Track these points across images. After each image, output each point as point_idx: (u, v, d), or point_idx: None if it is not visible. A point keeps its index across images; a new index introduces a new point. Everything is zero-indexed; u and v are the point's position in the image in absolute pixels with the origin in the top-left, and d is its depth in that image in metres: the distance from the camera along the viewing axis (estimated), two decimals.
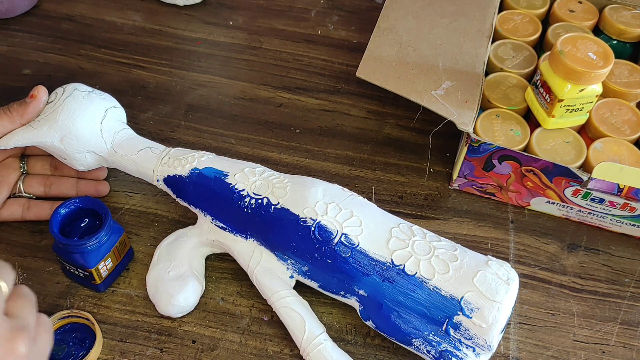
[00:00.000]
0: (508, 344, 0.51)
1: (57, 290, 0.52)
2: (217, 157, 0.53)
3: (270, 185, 0.50)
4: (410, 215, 0.59)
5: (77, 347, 0.49)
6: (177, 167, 0.52)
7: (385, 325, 0.47)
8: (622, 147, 0.56)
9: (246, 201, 0.50)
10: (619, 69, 0.62)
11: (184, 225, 0.56)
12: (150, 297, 0.51)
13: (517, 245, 0.58)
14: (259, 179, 0.51)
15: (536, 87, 0.57)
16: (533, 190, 0.58)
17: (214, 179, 0.51)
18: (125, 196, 0.59)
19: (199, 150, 0.54)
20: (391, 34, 0.63)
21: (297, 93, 0.70)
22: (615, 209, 0.56)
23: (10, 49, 0.72)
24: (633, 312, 0.54)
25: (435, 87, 0.58)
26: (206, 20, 0.77)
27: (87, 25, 0.75)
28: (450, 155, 0.65)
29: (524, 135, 0.57)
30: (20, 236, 0.56)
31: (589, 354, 0.51)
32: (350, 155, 0.64)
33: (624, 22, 0.66)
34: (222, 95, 0.69)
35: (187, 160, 0.53)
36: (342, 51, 0.75)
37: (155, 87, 0.69)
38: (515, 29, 0.66)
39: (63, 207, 0.51)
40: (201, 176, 0.52)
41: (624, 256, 0.58)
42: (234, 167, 0.52)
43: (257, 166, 0.53)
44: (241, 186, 0.50)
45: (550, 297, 0.55)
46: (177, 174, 0.52)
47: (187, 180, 0.52)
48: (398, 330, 0.46)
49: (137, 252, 0.55)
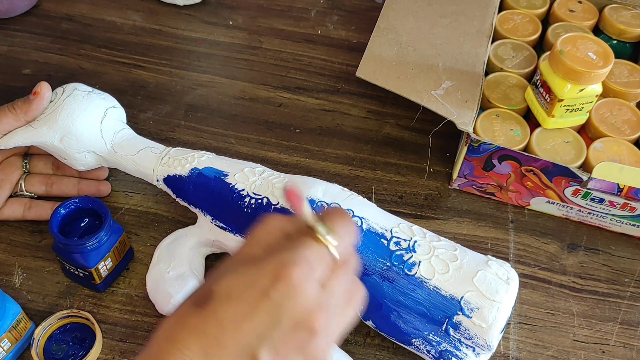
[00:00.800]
0: (508, 344, 0.51)
1: (57, 290, 0.52)
2: (217, 157, 0.53)
3: (270, 185, 0.50)
4: (410, 215, 0.59)
5: (77, 347, 0.49)
6: (177, 167, 0.52)
7: (385, 325, 0.47)
8: (622, 147, 0.56)
9: (246, 201, 0.50)
10: (619, 69, 0.62)
11: (184, 225, 0.56)
12: (150, 297, 0.51)
13: (517, 245, 0.58)
14: (258, 179, 0.51)
15: (536, 87, 0.57)
16: (533, 190, 0.58)
17: (214, 179, 0.51)
18: (125, 196, 0.59)
19: (199, 150, 0.54)
20: (391, 33, 0.63)
21: (297, 93, 0.70)
22: (615, 208, 0.56)
23: (10, 48, 0.72)
24: (633, 311, 0.54)
25: (435, 87, 0.58)
26: (206, 20, 0.77)
27: (87, 25, 0.75)
28: (450, 155, 0.65)
29: (524, 135, 0.57)
30: (20, 236, 0.56)
31: (588, 353, 0.51)
32: (350, 155, 0.64)
33: (624, 22, 0.66)
34: (222, 95, 0.69)
35: (187, 160, 0.53)
36: (342, 51, 0.75)
37: (155, 87, 0.69)
38: (515, 29, 0.66)
39: (63, 207, 0.50)
40: (201, 176, 0.52)
41: (624, 256, 0.58)
42: (234, 167, 0.52)
43: (257, 166, 0.53)
44: (241, 186, 0.50)
45: (550, 297, 0.55)
46: (177, 173, 0.52)
47: (186, 180, 0.52)
48: (398, 330, 0.46)
49: (136, 252, 0.55)
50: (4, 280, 0.53)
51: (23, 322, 0.47)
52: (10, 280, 0.53)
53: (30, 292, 0.52)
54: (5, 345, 0.46)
